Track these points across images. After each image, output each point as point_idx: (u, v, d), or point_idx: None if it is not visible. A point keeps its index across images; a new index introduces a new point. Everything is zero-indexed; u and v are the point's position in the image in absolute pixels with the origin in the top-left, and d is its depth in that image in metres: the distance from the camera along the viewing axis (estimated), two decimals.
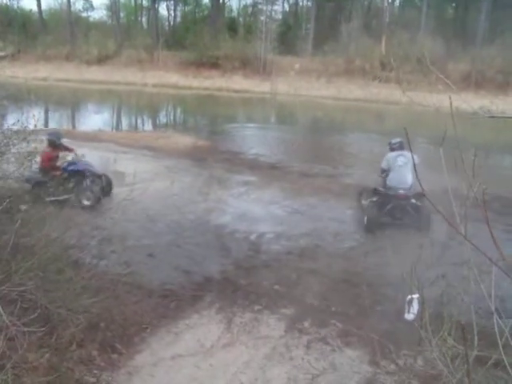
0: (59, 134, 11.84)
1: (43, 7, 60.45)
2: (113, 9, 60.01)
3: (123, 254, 8.19)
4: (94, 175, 11.49)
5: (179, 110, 38.30)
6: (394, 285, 7.00)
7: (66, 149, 11.70)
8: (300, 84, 42.51)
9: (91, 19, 66.48)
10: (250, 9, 63.58)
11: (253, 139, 22.96)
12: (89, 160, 11.81)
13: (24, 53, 53.47)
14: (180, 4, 65.59)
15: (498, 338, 2.69)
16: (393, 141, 11.01)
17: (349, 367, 5.59)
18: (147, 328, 6.18)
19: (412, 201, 10.26)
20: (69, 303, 5.24)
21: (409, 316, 6.31)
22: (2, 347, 4.21)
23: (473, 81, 38.86)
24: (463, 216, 2.33)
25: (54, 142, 11.38)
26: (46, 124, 24.10)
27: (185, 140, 19.73)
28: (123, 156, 15.59)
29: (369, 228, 10.42)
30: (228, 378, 5.33)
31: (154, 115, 33.64)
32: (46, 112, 28.77)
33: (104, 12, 66.77)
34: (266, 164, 16.17)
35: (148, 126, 29.34)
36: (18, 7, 61.51)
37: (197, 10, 65.43)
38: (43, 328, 4.75)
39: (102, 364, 5.31)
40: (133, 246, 8.74)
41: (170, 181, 13.18)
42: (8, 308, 4.47)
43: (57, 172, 11.22)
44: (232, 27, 55.03)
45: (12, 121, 7.06)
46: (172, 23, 65.28)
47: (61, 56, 51.68)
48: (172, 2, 64.46)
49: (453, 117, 2.38)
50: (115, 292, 6.59)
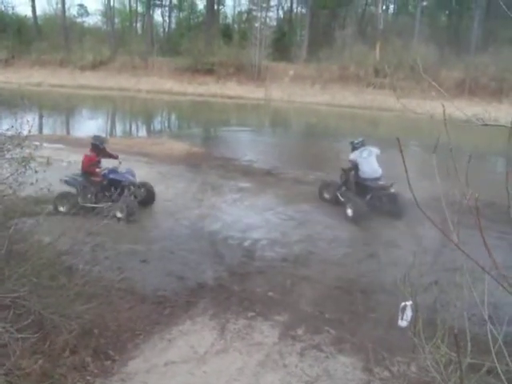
0: (103, 139, 11.71)
1: (38, 12, 60.70)
2: (107, 15, 60.07)
3: (116, 260, 8.20)
4: (134, 186, 11.26)
5: (173, 117, 38.30)
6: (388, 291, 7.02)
7: (110, 155, 11.69)
8: (294, 90, 42.59)
9: (86, 25, 66.72)
10: (245, 15, 63.64)
11: (247, 145, 22.97)
12: (131, 168, 11.70)
13: (18, 58, 53.57)
14: (175, 10, 65.89)
15: (491, 345, 2.70)
16: (355, 141, 12.18)
17: (342, 374, 5.59)
18: (140, 334, 6.18)
19: (391, 190, 11.19)
20: (62, 309, 5.24)
21: (402, 323, 6.34)
22: None
23: (466, 88, 38.98)
24: (455, 223, 2.34)
25: (97, 147, 11.34)
26: (40, 130, 24.07)
27: (179, 146, 19.73)
28: (117, 162, 15.56)
29: (355, 219, 11.06)
30: None
31: (148, 121, 33.63)
32: (40, 118, 28.73)
33: (99, 18, 66.99)
34: (260, 170, 16.15)
35: (142, 133, 29.31)
36: (13, 13, 61.54)
37: (191, 17, 65.61)
38: (36, 334, 4.74)
39: (96, 370, 5.30)
40: (126, 252, 8.73)
41: (164, 187, 13.17)
42: (1, 314, 4.47)
43: (97, 178, 11.16)
44: (227, 34, 55.13)
45: (6, 126, 7.04)
46: (167, 29, 65.47)
47: (55, 61, 51.73)
48: (167, 9, 64.78)
49: (446, 124, 2.40)
50: (108, 298, 6.58)
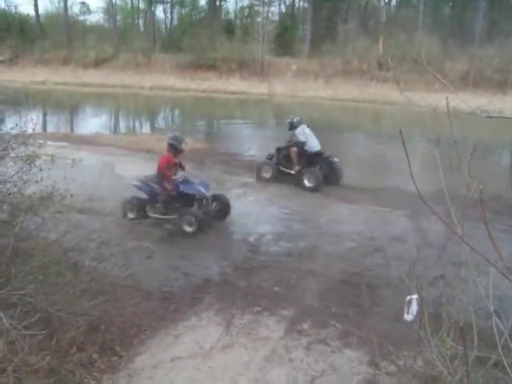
0: (181, 139, 10.20)
1: (40, 11, 60.80)
2: (109, 12, 60.23)
3: (122, 257, 8.21)
4: (206, 200, 10.25)
5: (177, 113, 38.28)
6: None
7: (180, 166, 10.43)
8: (297, 85, 42.50)
9: (88, 23, 67.19)
10: (247, 10, 63.65)
11: (250, 141, 22.93)
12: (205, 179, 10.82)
13: (22, 57, 53.76)
14: (177, 6, 65.96)
15: (497, 339, 2.70)
16: (294, 119, 13.83)
17: (348, 368, 5.59)
18: (146, 330, 6.19)
19: (335, 159, 13.38)
20: (69, 306, 5.25)
21: (408, 317, 6.33)
22: (3, 350, 4.23)
23: (471, 80, 38.78)
24: (460, 216, 2.33)
25: (175, 147, 10.08)
26: (45, 128, 24.11)
27: None
28: (122, 159, 15.60)
29: (315, 188, 12.90)
30: (228, 380, 5.33)
31: (152, 118, 33.63)
32: (45, 115, 28.79)
33: (101, 15, 67.50)
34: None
35: (146, 129, 29.31)
36: (16, 12, 61.65)
37: (193, 13, 65.56)
38: (43, 331, 4.76)
39: (103, 367, 5.32)
40: (131, 249, 8.74)
41: None
42: (8, 312, 4.49)
43: (170, 185, 9.95)
44: (229, 29, 55.10)
45: (10, 125, 7.06)
46: (169, 26, 65.52)
47: (58, 60, 51.86)
48: (169, 5, 64.85)
49: (449, 117, 2.40)
50: (115, 295, 6.60)
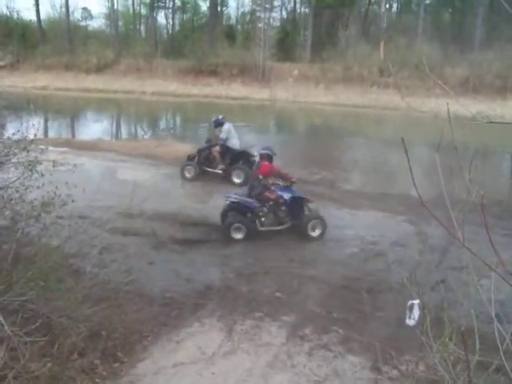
0: (273, 149, 10.68)
1: (42, 17, 60.77)
2: (111, 17, 60.24)
3: (124, 263, 8.20)
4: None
5: (178, 118, 38.30)
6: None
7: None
8: (299, 91, 42.58)
9: (90, 28, 67.06)
10: (248, 16, 63.78)
11: (252, 145, 22.92)
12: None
13: (23, 62, 53.75)
14: (178, 12, 65.92)
15: (499, 344, 2.70)
16: (220, 117, 14.84)
17: (351, 373, 5.59)
18: (148, 336, 6.19)
19: (255, 154, 13.44)
20: (70, 312, 5.25)
21: (410, 321, 6.33)
22: (4, 357, 4.22)
23: (471, 86, 38.84)
24: (461, 222, 2.34)
25: (271, 157, 10.47)
26: (46, 133, 24.12)
27: (184, 148, 19.63)
28: (123, 165, 15.61)
29: (244, 184, 13.24)
30: None
31: (153, 123, 33.64)
32: (46, 121, 28.82)
33: (102, 21, 67.31)
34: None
35: (147, 135, 29.31)
36: (18, 18, 61.73)
37: (195, 18, 65.68)
38: (45, 337, 4.75)
39: (104, 373, 5.30)
40: (133, 255, 8.74)
41: (170, 189, 13.21)
42: (10, 318, 4.48)
43: (273, 194, 10.24)
44: (230, 35, 55.18)
45: (12, 130, 7.06)
46: (170, 31, 65.48)
47: (60, 65, 51.83)
48: (170, 10, 64.84)
49: (450, 122, 2.40)
50: (116, 301, 6.59)
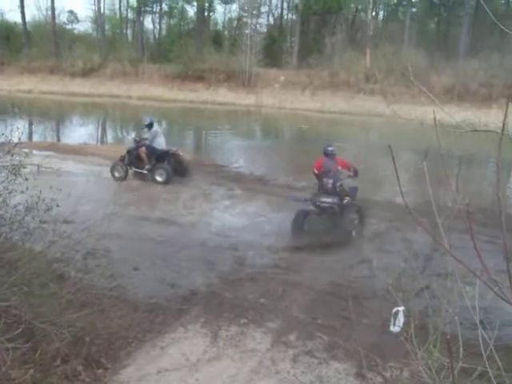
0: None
1: (27, 19, 60.33)
2: (98, 21, 60.03)
3: (108, 268, 8.15)
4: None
5: (164, 123, 38.20)
6: None
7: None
8: (285, 97, 42.73)
9: (76, 32, 66.67)
10: (235, 22, 63.85)
11: (237, 152, 22.96)
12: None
13: (8, 65, 53.40)
14: (165, 17, 65.83)
15: (483, 350, 2.71)
16: (149, 119, 15.42)
17: (335, 380, 5.58)
18: (133, 342, 6.14)
19: (181, 154, 15.06)
20: (53, 318, 5.20)
21: (394, 328, 6.34)
22: None
23: (456, 93, 39.20)
24: (446, 229, 2.35)
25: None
26: (31, 137, 23.94)
27: None
28: (108, 169, 15.50)
29: (167, 182, 14.28)
30: None
31: (139, 128, 33.50)
32: (31, 125, 28.60)
33: (89, 24, 66.89)
34: (251, 177, 16.18)
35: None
36: (2, 19, 61.34)
37: (182, 23, 65.61)
38: (27, 344, 4.71)
39: (87, 379, 5.25)
40: (118, 260, 8.69)
41: (155, 194, 13.18)
42: None
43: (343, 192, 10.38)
44: (217, 40, 55.29)
45: None
46: (157, 36, 65.41)
47: (45, 68, 51.61)
48: (157, 15, 64.74)
49: (437, 130, 2.41)
50: (100, 306, 6.55)
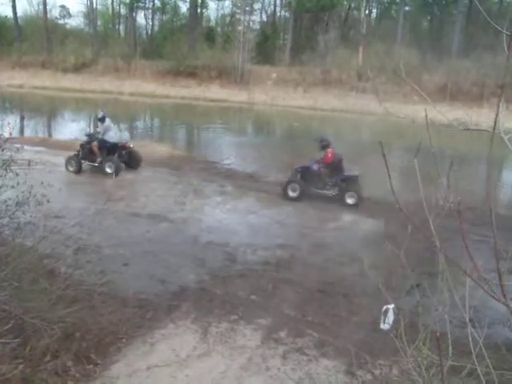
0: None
1: (19, 13, 59.96)
2: (90, 16, 59.78)
3: (99, 264, 8.14)
4: None
5: (156, 119, 38.13)
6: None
7: None
8: (277, 94, 42.71)
9: (68, 26, 66.43)
10: (228, 18, 63.79)
11: (229, 149, 22.94)
12: None
13: None
14: (158, 13, 65.70)
15: (472, 348, 2.72)
16: (102, 113, 15.53)
17: (325, 377, 5.60)
18: (123, 338, 6.13)
19: (131, 147, 15.39)
20: (43, 313, 5.18)
21: (384, 326, 6.36)
22: None
23: (448, 92, 39.31)
24: (437, 227, 2.36)
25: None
26: (22, 132, 23.82)
27: (161, 149, 19.65)
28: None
29: (116, 173, 14.42)
30: None
31: (131, 124, 33.42)
32: (22, 120, 28.46)
33: (81, 19, 66.74)
34: (242, 173, 16.19)
35: (125, 135, 29.04)
36: None
37: (175, 19, 65.46)
38: (17, 339, 4.69)
39: (77, 375, 5.24)
40: (108, 256, 8.67)
41: (147, 190, 13.16)
42: None
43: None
44: (210, 37, 55.20)
45: None
46: (150, 32, 65.21)
47: (37, 63, 51.28)
48: (150, 11, 64.55)
49: (428, 128, 2.42)
50: (91, 302, 6.54)
